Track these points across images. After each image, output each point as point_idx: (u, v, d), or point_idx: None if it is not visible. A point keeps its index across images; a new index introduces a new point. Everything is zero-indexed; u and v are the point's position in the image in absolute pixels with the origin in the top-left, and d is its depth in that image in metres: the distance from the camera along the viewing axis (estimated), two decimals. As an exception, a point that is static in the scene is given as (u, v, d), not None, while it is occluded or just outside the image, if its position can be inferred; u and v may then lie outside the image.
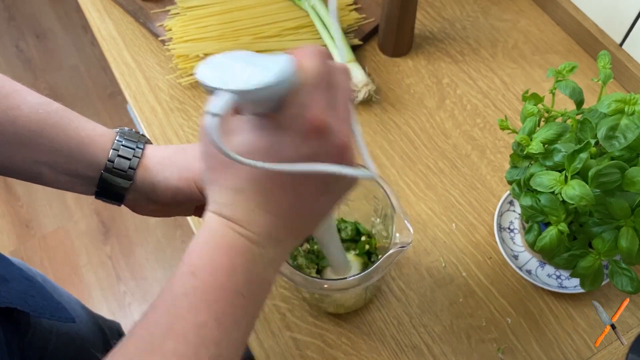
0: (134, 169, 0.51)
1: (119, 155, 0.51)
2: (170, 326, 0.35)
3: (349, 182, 0.41)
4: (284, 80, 0.35)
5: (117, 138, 0.52)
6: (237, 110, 0.39)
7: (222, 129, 0.37)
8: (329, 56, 0.38)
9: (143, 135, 0.54)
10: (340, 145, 0.37)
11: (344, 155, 0.38)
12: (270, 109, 0.36)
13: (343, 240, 0.65)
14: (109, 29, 0.92)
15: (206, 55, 0.84)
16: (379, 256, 0.63)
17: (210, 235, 0.38)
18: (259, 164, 0.35)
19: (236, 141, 0.37)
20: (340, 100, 0.38)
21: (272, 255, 0.40)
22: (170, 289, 0.37)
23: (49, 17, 2.28)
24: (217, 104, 0.33)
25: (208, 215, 0.39)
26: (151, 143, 0.55)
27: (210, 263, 0.37)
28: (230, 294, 0.37)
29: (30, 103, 0.49)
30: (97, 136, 0.51)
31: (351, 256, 0.65)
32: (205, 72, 0.35)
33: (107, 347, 0.94)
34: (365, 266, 0.65)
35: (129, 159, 0.51)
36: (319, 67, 0.37)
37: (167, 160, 0.52)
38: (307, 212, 0.40)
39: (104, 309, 1.66)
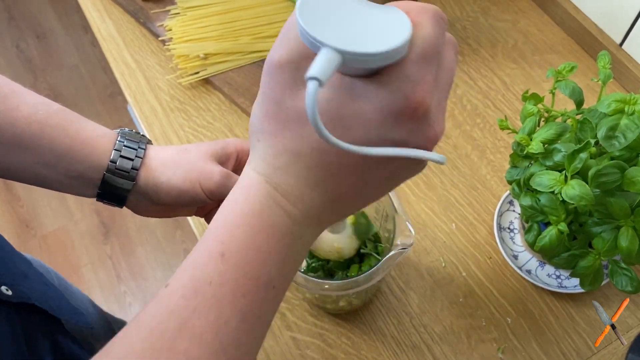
0: (137, 170, 0.51)
1: (121, 156, 0.50)
2: (186, 321, 0.31)
3: (417, 170, 0.35)
4: (405, 49, 0.29)
5: (118, 138, 0.51)
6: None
7: (298, 72, 0.30)
8: (446, 22, 0.31)
9: (144, 136, 0.54)
10: (432, 138, 0.31)
11: (431, 148, 0.33)
12: (365, 72, 0.30)
13: None
14: (109, 29, 0.92)
15: (206, 55, 0.84)
16: (380, 255, 0.63)
17: (249, 205, 0.32)
18: (358, 148, 0.28)
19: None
20: (443, 82, 0.32)
21: (308, 238, 0.35)
22: (192, 270, 0.32)
23: (49, 17, 2.28)
24: (323, 66, 0.26)
25: (250, 175, 0.33)
26: (152, 144, 0.55)
27: (244, 245, 0.32)
28: (261, 286, 0.32)
29: (30, 104, 0.49)
30: (98, 137, 0.51)
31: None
32: (310, 17, 0.28)
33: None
34: (354, 222, 0.62)
35: (132, 160, 0.51)
36: (437, 37, 0.30)
37: (170, 161, 0.52)
38: (361, 197, 0.34)
39: (104, 309, 1.66)
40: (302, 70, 0.30)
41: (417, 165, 0.34)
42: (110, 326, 0.94)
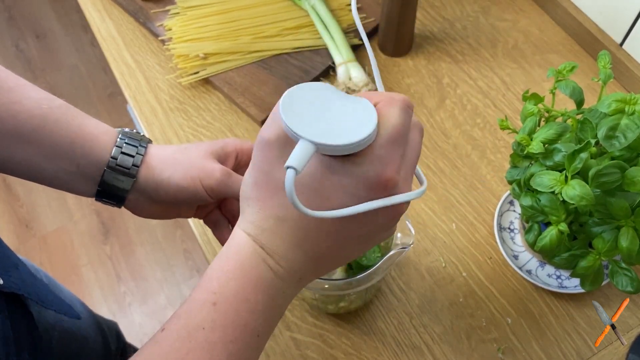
0: (137, 167, 0.51)
1: (122, 153, 0.50)
2: None
3: (388, 234, 0.40)
4: (372, 137, 0.34)
5: (119, 136, 0.52)
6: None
7: (284, 148, 0.36)
8: (412, 109, 0.37)
9: (144, 136, 0.54)
10: (400, 210, 0.37)
11: (397, 218, 0.38)
12: (341, 154, 0.36)
13: None
14: (109, 29, 0.92)
15: (206, 55, 0.84)
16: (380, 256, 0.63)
17: (239, 261, 0.37)
18: (330, 213, 0.33)
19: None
20: (409, 160, 0.37)
21: (290, 294, 0.39)
22: (187, 316, 0.36)
23: (49, 17, 2.28)
24: (300, 157, 0.32)
25: (239, 234, 0.38)
26: (152, 143, 0.55)
27: (234, 296, 0.36)
28: (248, 334, 0.36)
29: (33, 98, 0.49)
30: (100, 134, 0.51)
31: None
32: (290, 112, 0.34)
33: (106, 345, 0.95)
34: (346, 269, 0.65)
35: (132, 156, 0.51)
36: (403, 124, 0.36)
37: (170, 159, 0.52)
38: (338, 257, 0.40)
39: (104, 309, 1.66)
40: (287, 147, 0.35)
41: (386, 231, 0.40)
42: (100, 326, 0.94)
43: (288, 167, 0.32)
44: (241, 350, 0.36)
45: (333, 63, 0.83)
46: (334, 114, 0.35)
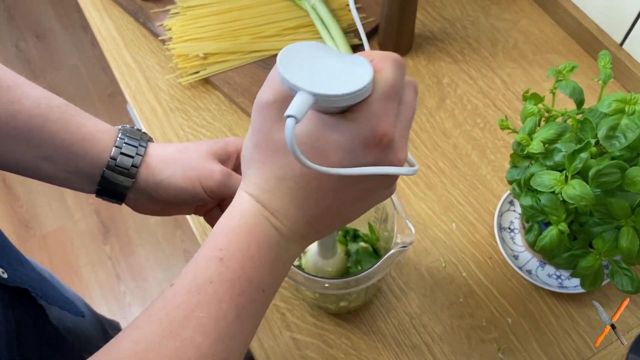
0: (137, 167, 0.51)
1: (121, 153, 0.50)
2: (191, 313, 0.35)
3: (387, 193, 0.41)
4: (368, 90, 0.35)
5: (119, 135, 0.51)
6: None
7: (282, 110, 0.36)
8: (404, 67, 0.38)
9: (145, 133, 0.54)
10: (396, 164, 0.38)
11: (393, 181, 0.39)
12: (337, 109, 0.36)
13: None
14: (109, 29, 0.92)
15: (206, 55, 0.84)
16: (380, 256, 0.63)
17: (243, 219, 0.38)
18: (329, 170, 0.34)
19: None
20: (404, 117, 0.38)
21: (294, 252, 0.40)
22: (195, 272, 0.37)
23: (49, 17, 2.28)
24: (299, 106, 0.32)
25: (243, 195, 0.39)
26: (153, 141, 0.55)
27: (240, 252, 0.37)
28: (254, 288, 0.37)
29: (33, 97, 0.49)
30: (99, 133, 0.51)
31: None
32: (288, 67, 0.34)
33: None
34: (346, 252, 0.65)
35: (132, 157, 0.51)
36: (396, 79, 0.36)
37: (170, 159, 0.52)
38: (339, 216, 0.40)
39: (104, 309, 1.66)
40: (285, 108, 0.35)
41: (386, 189, 0.41)
42: (103, 325, 0.94)
43: (288, 117, 0.32)
44: (248, 303, 0.37)
45: (333, 63, 0.83)
46: (331, 68, 0.36)
